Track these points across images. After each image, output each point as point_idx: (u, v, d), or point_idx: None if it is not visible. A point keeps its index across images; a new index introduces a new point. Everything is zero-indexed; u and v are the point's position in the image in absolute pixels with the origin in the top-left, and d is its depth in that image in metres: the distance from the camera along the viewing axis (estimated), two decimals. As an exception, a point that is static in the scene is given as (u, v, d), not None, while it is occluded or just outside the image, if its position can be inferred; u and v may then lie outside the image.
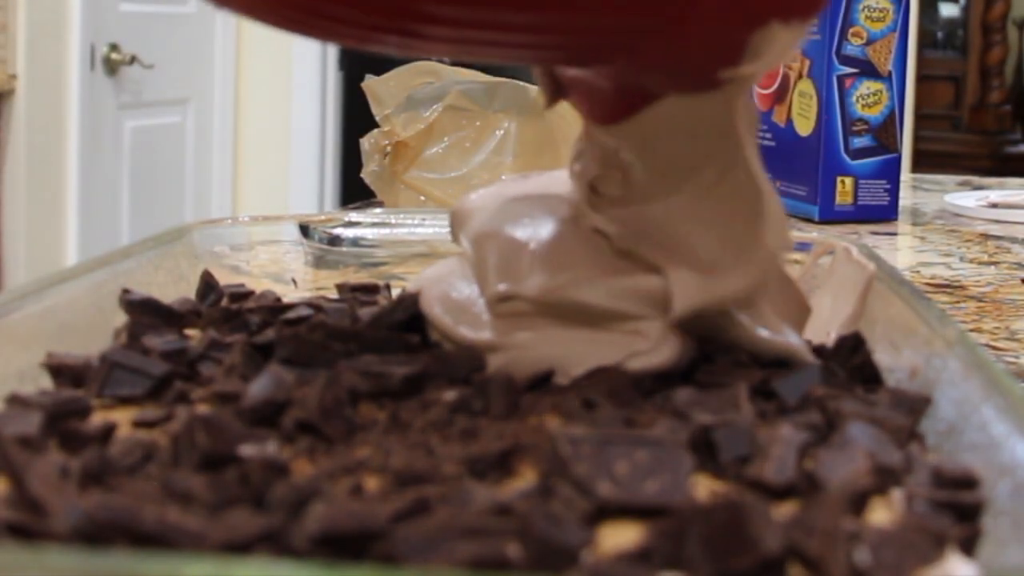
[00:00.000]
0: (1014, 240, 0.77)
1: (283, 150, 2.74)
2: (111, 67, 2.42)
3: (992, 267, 0.66)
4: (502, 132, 0.84)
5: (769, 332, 0.33)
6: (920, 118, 3.00)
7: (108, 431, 0.28)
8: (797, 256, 0.43)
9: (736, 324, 0.33)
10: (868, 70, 0.81)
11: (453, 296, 0.36)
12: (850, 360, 0.34)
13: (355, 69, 2.58)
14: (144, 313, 0.38)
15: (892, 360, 0.34)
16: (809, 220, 0.82)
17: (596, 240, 0.34)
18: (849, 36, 0.80)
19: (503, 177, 0.78)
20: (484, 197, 0.38)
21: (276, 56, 2.75)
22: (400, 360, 0.32)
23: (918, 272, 0.64)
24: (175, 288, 0.43)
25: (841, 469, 0.25)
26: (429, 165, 0.84)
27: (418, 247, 0.54)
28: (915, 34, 2.79)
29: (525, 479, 0.25)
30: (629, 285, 0.33)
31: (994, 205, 0.90)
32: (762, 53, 0.31)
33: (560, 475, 0.24)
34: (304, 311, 0.39)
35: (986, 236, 0.78)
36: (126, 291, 0.39)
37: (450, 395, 0.30)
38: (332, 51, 2.78)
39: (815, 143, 0.81)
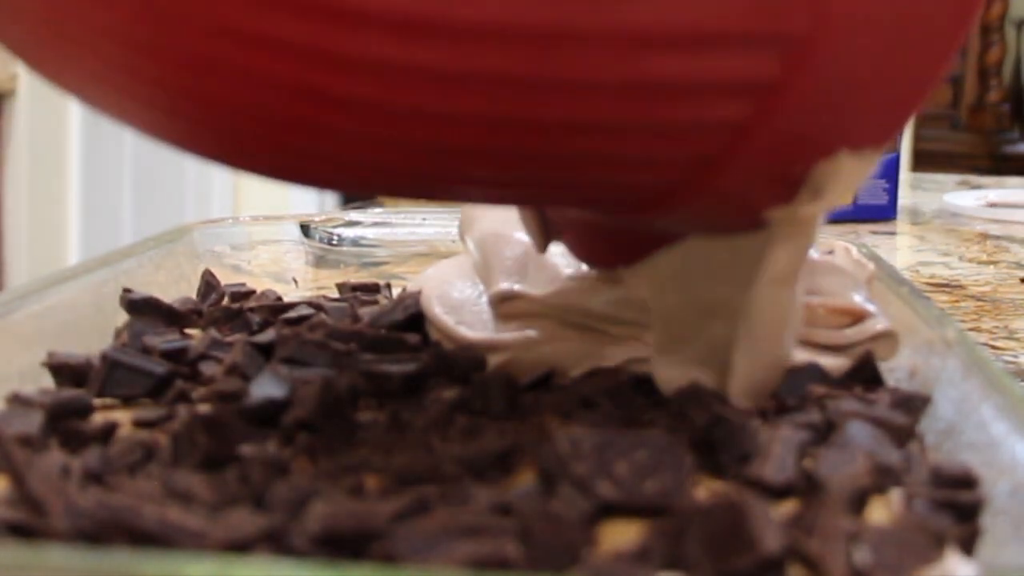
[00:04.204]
0: (1013, 239, 0.77)
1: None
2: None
3: (991, 266, 0.66)
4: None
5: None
6: (919, 118, 3.00)
7: (109, 430, 0.28)
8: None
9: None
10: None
11: (453, 296, 0.36)
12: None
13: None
14: (145, 312, 0.38)
15: (891, 359, 0.34)
16: (809, 220, 0.82)
17: None
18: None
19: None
20: None
21: (276, 56, 2.74)
22: (400, 360, 0.32)
23: (917, 271, 0.64)
24: (176, 288, 0.43)
25: (841, 468, 0.25)
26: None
27: (418, 247, 0.55)
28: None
29: (525, 479, 0.25)
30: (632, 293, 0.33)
31: (993, 204, 0.90)
32: (824, 189, 0.25)
33: (560, 475, 0.24)
34: (305, 310, 0.39)
35: (985, 235, 0.78)
36: (127, 290, 0.39)
37: (450, 395, 0.30)
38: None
39: (815, 143, 0.81)
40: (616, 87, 0.22)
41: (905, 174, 1.12)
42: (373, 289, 0.44)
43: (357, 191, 0.26)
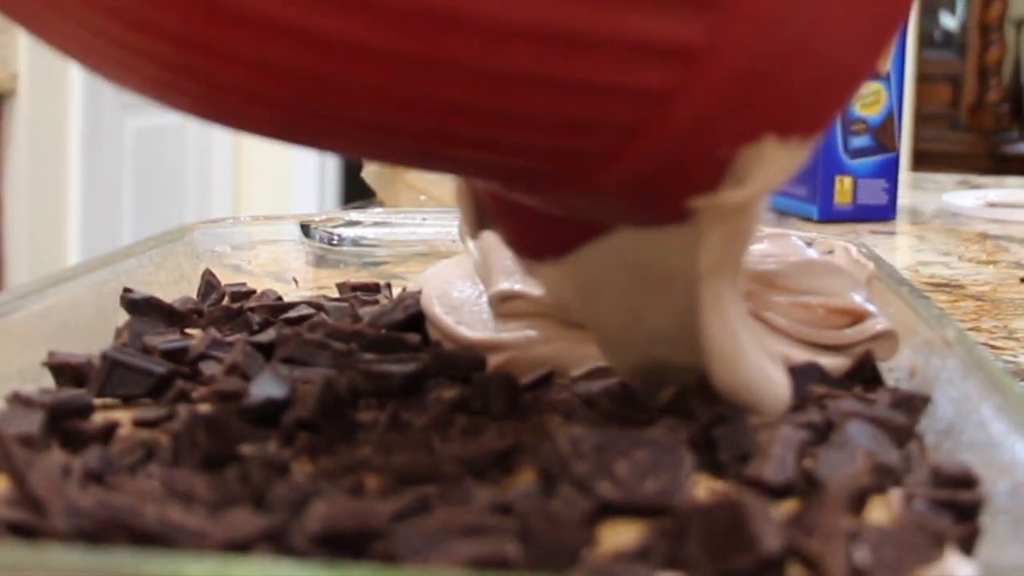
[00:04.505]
0: (1012, 239, 0.77)
1: (283, 150, 2.74)
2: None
3: (991, 266, 0.66)
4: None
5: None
6: (919, 118, 3.00)
7: (109, 430, 0.28)
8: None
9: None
10: (868, 70, 0.81)
11: (453, 296, 0.36)
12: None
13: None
14: (145, 312, 0.38)
15: (891, 359, 0.34)
16: (808, 219, 0.82)
17: None
18: (849, 36, 0.80)
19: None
20: None
21: (276, 55, 2.74)
22: (400, 359, 0.32)
23: (917, 271, 0.64)
24: (176, 287, 0.43)
25: (840, 468, 0.25)
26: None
27: (419, 246, 0.54)
28: (914, 34, 2.79)
29: (525, 478, 0.25)
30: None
31: (992, 204, 0.90)
32: (749, 177, 0.24)
33: (560, 474, 0.24)
34: (305, 310, 0.39)
35: (985, 235, 0.78)
36: (127, 290, 0.39)
37: (450, 395, 0.30)
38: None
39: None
40: (536, 37, 0.21)
41: (905, 174, 1.12)
42: (373, 289, 0.44)
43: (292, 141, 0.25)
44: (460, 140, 0.23)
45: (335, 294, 0.44)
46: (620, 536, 0.22)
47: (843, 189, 0.82)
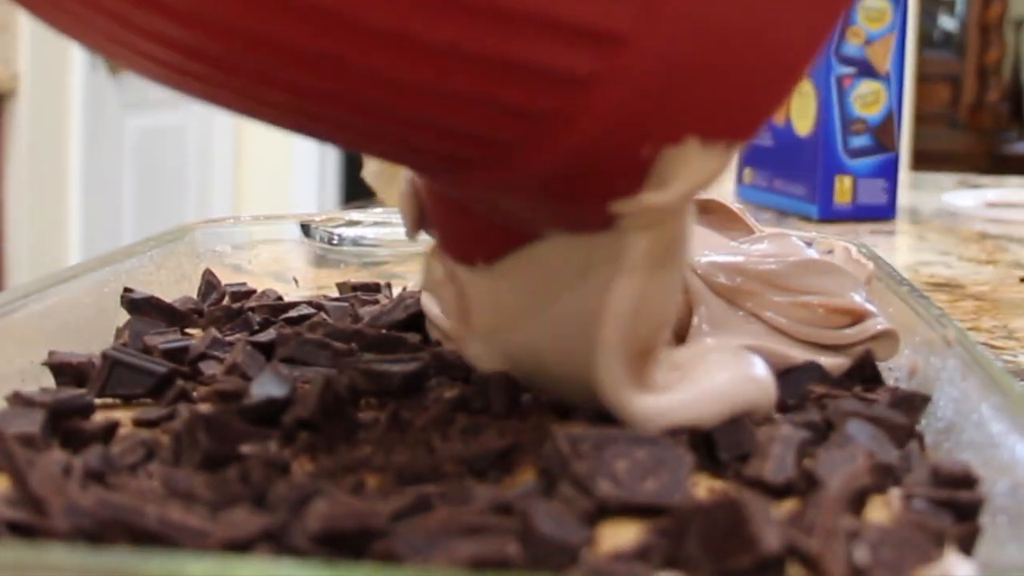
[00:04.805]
0: (1012, 239, 0.77)
1: (284, 150, 2.74)
2: (113, 67, 2.41)
3: (990, 266, 0.66)
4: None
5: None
6: (918, 118, 3.00)
7: (110, 430, 0.28)
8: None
9: None
10: (866, 70, 0.81)
11: (453, 295, 0.36)
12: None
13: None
14: (146, 312, 0.38)
15: (891, 359, 0.34)
16: (808, 219, 0.82)
17: None
18: (848, 36, 0.80)
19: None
20: None
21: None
22: (400, 359, 0.32)
23: (916, 271, 0.64)
24: (177, 287, 0.43)
25: (840, 468, 0.25)
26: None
27: (419, 246, 0.54)
28: (914, 34, 2.79)
29: (525, 478, 0.25)
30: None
31: (992, 204, 0.90)
32: (670, 180, 0.24)
33: (560, 474, 0.24)
34: (305, 310, 0.39)
35: (984, 235, 0.78)
36: (128, 290, 0.39)
37: (450, 394, 0.30)
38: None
39: (814, 143, 0.81)
40: (460, 10, 0.21)
41: (904, 174, 1.12)
42: (373, 289, 0.44)
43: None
44: (381, 114, 0.23)
45: (335, 294, 0.44)
46: (620, 536, 0.22)
47: (843, 189, 0.82)
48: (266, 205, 2.67)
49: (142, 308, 0.38)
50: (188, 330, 0.38)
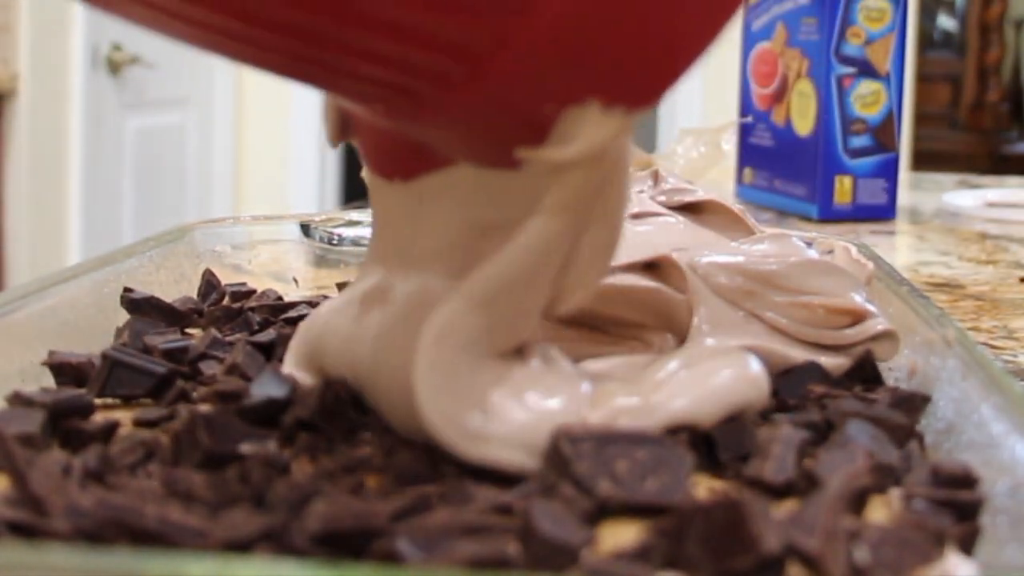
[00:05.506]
0: (1012, 239, 0.77)
1: (284, 150, 2.74)
2: (113, 67, 2.41)
3: (990, 266, 0.66)
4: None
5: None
6: (918, 118, 3.00)
7: (110, 430, 0.28)
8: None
9: None
10: (867, 70, 0.81)
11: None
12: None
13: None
14: (146, 312, 0.38)
15: (891, 359, 0.34)
16: (808, 219, 0.82)
17: None
18: (848, 36, 0.80)
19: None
20: None
21: (276, 55, 2.74)
22: (400, 359, 0.32)
23: (916, 271, 0.64)
24: (177, 287, 0.43)
25: (840, 468, 0.25)
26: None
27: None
28: (914, 34, 2.79)
29: (525, 478, 0.25)
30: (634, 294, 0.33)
31: (992, 204, 0.90)
32: (570, 138, 0.25)
33: (561, 474, 0.24)
34: (305, 310, 0.39)
35: (984, 235, 0.78)
36: (128, 290, 0.39)
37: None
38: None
39: (814, 143, 0.81)
40: None
41: (904, 174, 1.12)
42: (373, 289, 0.44)
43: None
44: (331, 45, 0.23)
45: (335, 294, 0.44)
46: (620, 536, 0.22)
47: (843, 189, 0.82)
48: (266, 205, 2.67)
49: (142, 308, 0.38)
50: (188, 330, 0.38)
